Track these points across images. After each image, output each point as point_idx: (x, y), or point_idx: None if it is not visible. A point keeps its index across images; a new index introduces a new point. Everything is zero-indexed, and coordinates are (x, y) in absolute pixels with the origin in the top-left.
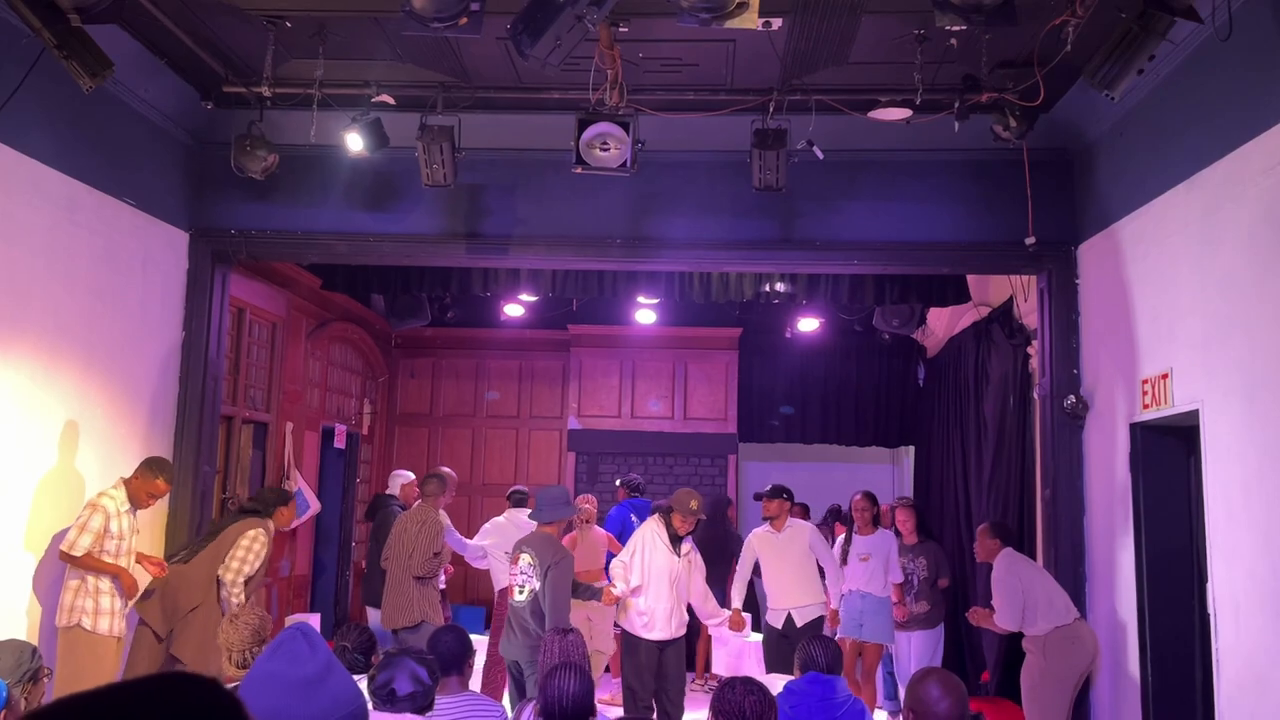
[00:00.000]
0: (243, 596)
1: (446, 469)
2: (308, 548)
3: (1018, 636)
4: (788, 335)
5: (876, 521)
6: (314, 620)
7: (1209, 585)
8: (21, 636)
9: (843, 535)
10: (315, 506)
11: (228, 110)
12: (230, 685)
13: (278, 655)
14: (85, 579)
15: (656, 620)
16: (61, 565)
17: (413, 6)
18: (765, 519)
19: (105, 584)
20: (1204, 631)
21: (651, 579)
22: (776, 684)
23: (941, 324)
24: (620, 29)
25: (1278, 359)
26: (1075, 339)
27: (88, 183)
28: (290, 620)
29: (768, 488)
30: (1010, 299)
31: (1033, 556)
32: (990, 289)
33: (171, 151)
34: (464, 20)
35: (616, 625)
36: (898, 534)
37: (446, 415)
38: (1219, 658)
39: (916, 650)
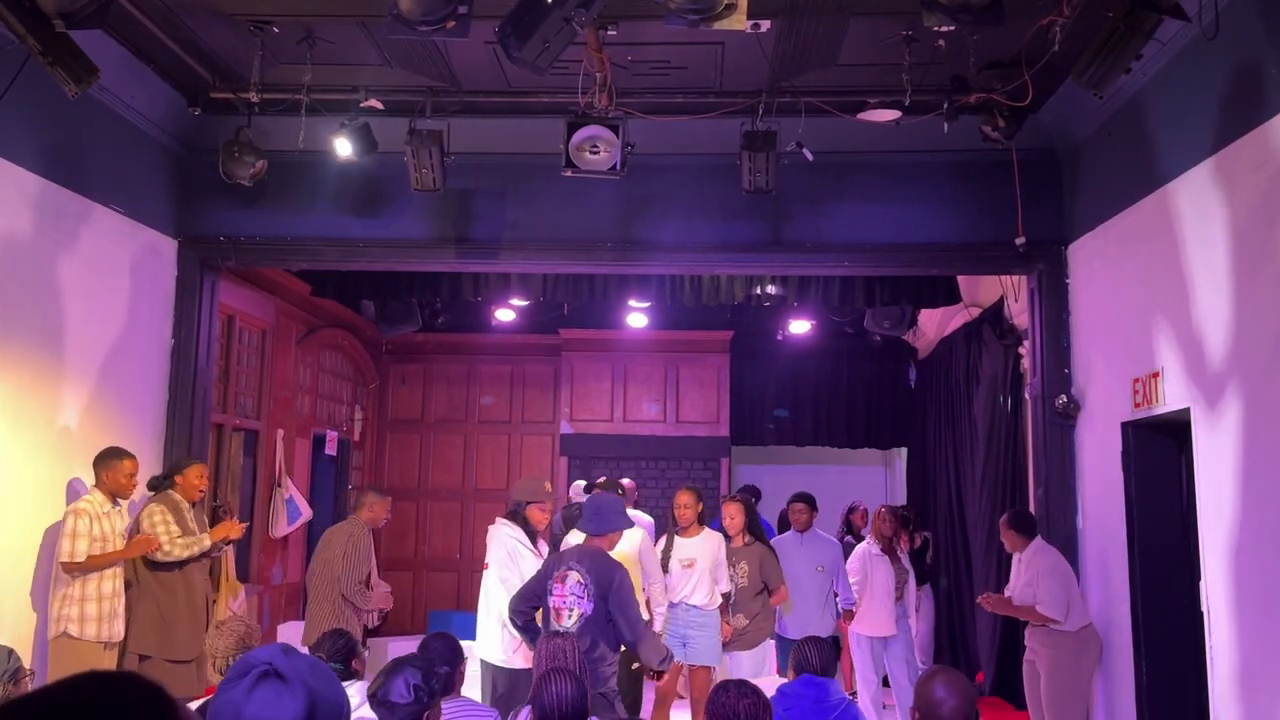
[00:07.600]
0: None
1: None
2: (300, 555)
3: (1011, 637)
4: (779, 338)
5: (703, 521)
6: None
7: (1201, 583)
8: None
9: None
10: (307, 513)
11: (215, 116)
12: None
13: (253, 699)
14: (71, 586)
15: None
16: (50, 576)
17: (400, 10)
18: None
19: (91, 589)
20: (1197, 629)
21: None
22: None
23: (932, 325)
24: (608, 32)
25: (1268, 357)
26: (1066, 339)
27: (74, 189)
28: (282, 630)
29: (600, 479)
30: (1001, 299)
31: None
32: (981, 290)
33: (159, 158)
34: (451, 23)
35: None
36: (728, 537)
37: (438, 421)
38: (1213, 655)
39: (742, 675)
